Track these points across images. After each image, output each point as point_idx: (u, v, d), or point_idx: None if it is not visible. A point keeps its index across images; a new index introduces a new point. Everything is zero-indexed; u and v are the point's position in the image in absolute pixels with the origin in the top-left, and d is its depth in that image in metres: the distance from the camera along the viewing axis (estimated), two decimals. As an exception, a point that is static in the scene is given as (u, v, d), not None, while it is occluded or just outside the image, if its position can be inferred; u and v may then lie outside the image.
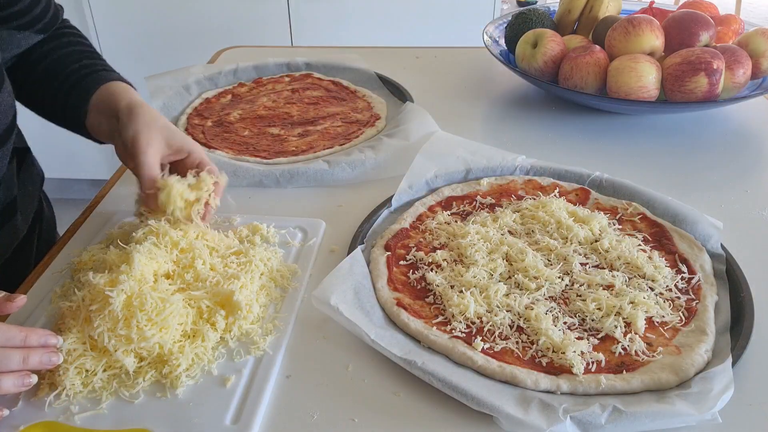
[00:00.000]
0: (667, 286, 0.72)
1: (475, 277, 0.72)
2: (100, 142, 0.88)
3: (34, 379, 0.60)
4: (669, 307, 0.69)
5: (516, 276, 0.73)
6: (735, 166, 1.01)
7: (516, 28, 1.24)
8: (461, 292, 0.71)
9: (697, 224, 0.80)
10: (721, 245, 0.78)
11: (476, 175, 0.93)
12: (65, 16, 0.97)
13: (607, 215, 0.83)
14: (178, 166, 0.81)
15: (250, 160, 0.99)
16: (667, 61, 1.06)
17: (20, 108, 0.90)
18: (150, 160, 0.75)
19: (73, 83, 0.87)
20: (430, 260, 0.76)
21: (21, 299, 0.63)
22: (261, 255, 0.74)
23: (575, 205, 0.85)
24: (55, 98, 0.89)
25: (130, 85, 0.88)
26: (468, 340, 0.65)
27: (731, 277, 0.74)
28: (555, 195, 0.87)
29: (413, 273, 0.75)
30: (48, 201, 1.03)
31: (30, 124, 0.99)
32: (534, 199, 0.87)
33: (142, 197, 0.76)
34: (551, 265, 0.75)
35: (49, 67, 0.90)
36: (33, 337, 0.60)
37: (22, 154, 0.95)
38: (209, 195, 0.77)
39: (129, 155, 0.77)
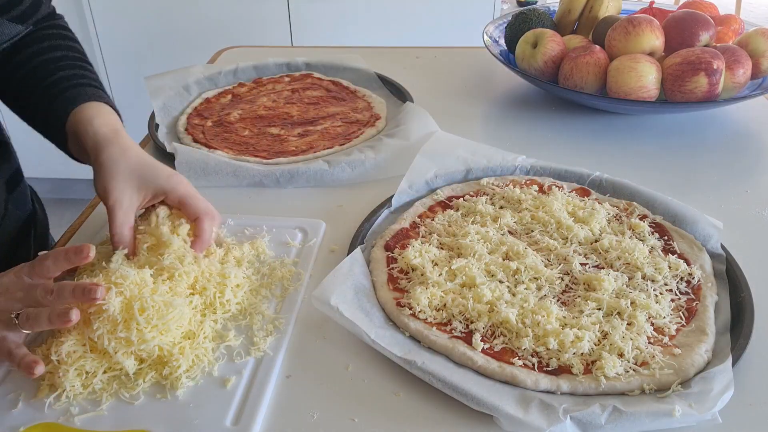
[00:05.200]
0: (667, 286, 0.72)
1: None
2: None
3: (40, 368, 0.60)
4: (669, 307, 0.69)
5: (516, 276, 0.73)
6: (735, 166, 1.00)
7: (516, 28, 1.24)
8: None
9: (697, 224, 0.80)
10: (721, 245, 0.78)
11: (476, 175, 0.93)
12: (65, 18, 0.95)
13: (607, 215, 0.83)
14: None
15: (250, 160, 0.99)
16: (667, 61, 1.06)
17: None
18: (118, 223, 0.71)
19: (48, 103, 0.80)
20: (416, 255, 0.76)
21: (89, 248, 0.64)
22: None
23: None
24: (35, 116, 0.83)
25: (103, 98, 0.81)
26: (468, 340, 0.65)
27: (731, 277, 0.74)
28: (561, 189, 0.87)
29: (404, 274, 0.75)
30: (41, 203, 1.01)
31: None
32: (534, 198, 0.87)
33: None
34: (551, 265, 0.75)
35: (28, 75, 0.83)
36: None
37: (14, 178, 0.89)
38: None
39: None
